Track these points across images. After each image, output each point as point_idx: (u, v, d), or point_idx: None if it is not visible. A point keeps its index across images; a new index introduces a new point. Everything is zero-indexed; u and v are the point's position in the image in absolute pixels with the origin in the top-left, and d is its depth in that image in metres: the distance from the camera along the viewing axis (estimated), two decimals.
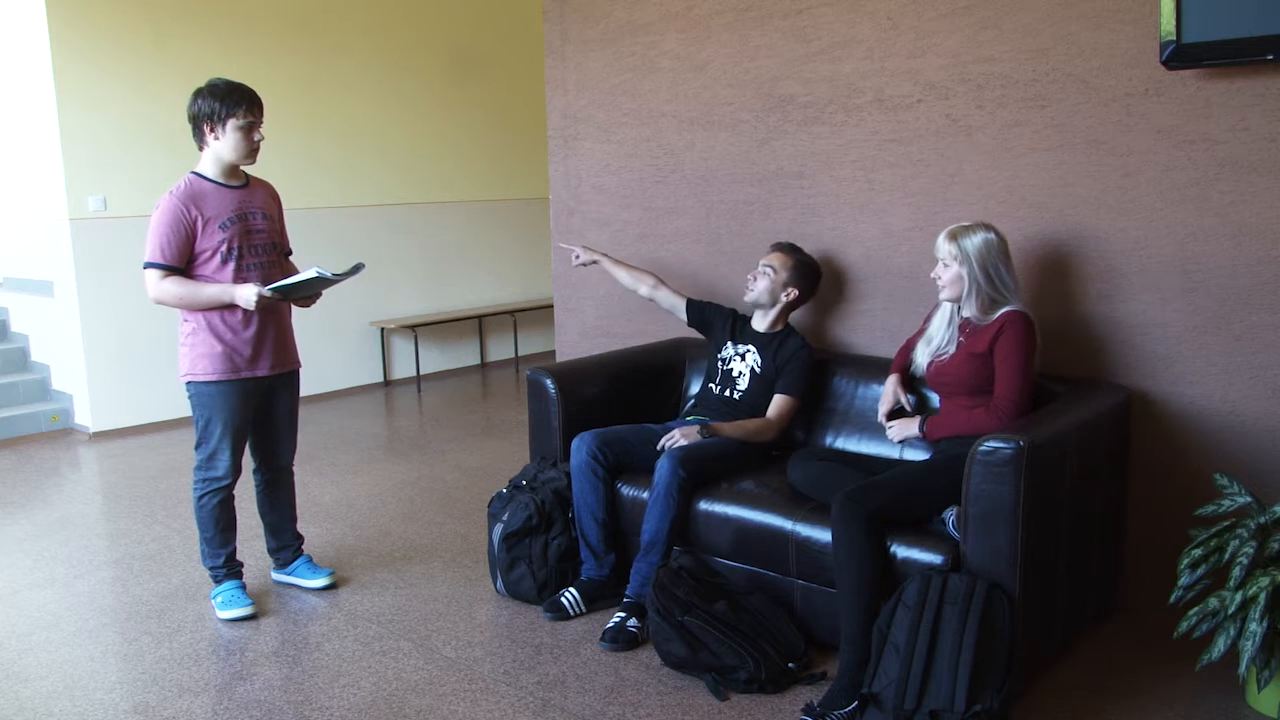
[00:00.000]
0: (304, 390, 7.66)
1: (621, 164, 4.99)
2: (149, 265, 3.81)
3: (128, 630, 3.83)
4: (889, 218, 4.09)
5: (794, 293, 4.01)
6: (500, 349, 9.14)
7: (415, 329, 8.25)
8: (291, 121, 7.53)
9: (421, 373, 8.46)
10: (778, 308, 4.03)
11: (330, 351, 7.98)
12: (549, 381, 4.09)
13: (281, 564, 4.24)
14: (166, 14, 6.88)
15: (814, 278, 4.08)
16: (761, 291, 4.01)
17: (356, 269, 4.07)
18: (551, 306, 5.62)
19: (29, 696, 3.35)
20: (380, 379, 8.32)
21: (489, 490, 4.31)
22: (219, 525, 3.98)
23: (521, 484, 4.00)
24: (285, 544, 4.23)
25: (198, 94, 3.94)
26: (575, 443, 3.85)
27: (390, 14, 8.08)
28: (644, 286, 4.35)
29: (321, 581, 4.14)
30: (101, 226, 6.74)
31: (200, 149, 4.00)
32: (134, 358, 6.96)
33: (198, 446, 3.91)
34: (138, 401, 7.01)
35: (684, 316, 4.26)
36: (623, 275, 4.42)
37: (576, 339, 5.29)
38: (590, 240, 5.14)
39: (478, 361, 9.03)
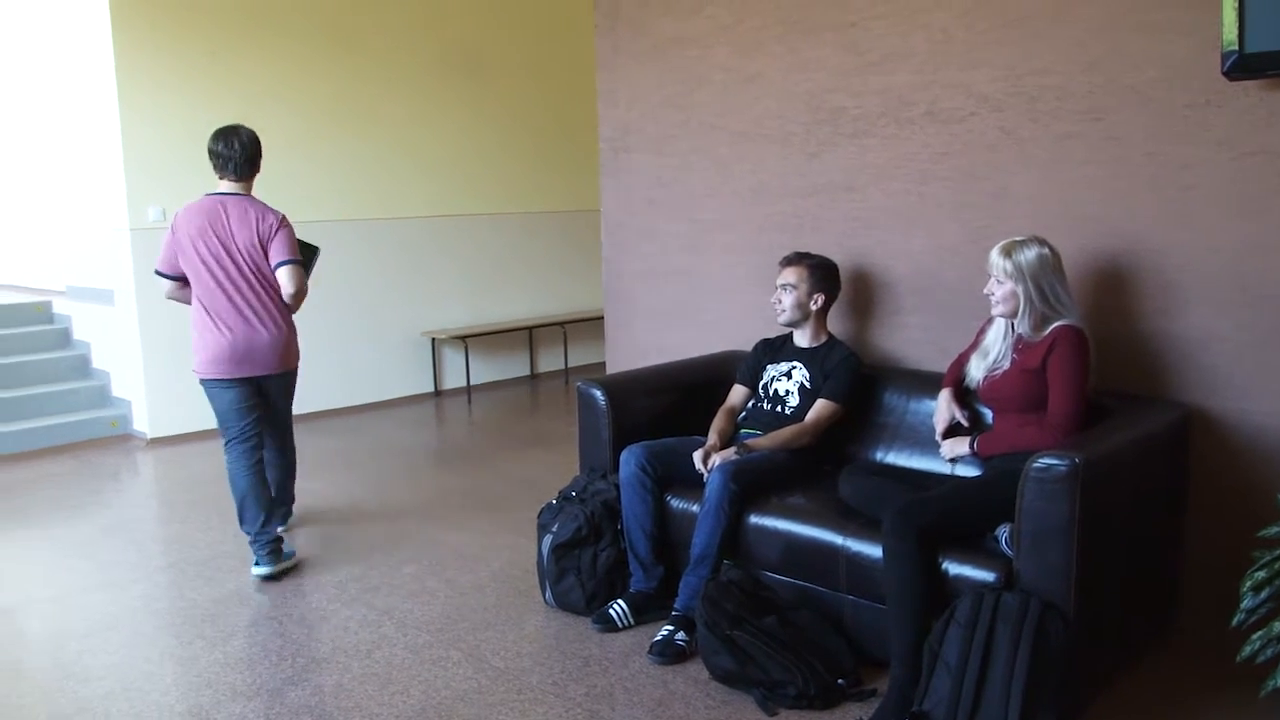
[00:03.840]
0: (356, 399, 7.79)
1: (672, 176, 5.00)
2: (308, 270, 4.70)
3: (183, 634, 3.90)
4: (940, 231, 4.06)
5: (820, 298, 4.00)
6: (550, 360, 9.17)
7: (466, 340, 8.31)
8: (343, 135, 7.64)
9: (472, 383, 8.51)
10: (812, 319, 4.02)
11: (381, 361, 8.06)
12: (599, 393, 4.10)
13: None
14: (221, 30, 7.00)
15: (833, 277, 4.06)
16: (790, 308, 4.00)
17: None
18: (602, 318, 5.64)
19: (88, 696, 3.42)
20: (431, 389, 8.38)
21: (538, 501, 4.33)
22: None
23: (571, 495, 4.01)
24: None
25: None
26: (624, 455, 3.86)
27: (440, 29, 8.15)
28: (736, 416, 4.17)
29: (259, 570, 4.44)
30: (159, 236, 6.82)
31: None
32: (190, 366, 7.05)
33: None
34: (194, 409, 7.09)
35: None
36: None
37: (627, 351, 5.30)
38: (639, 252, 5.15)
39: (528, 373, 9.07)
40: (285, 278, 4.50)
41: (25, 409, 7.04)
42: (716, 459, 3.72)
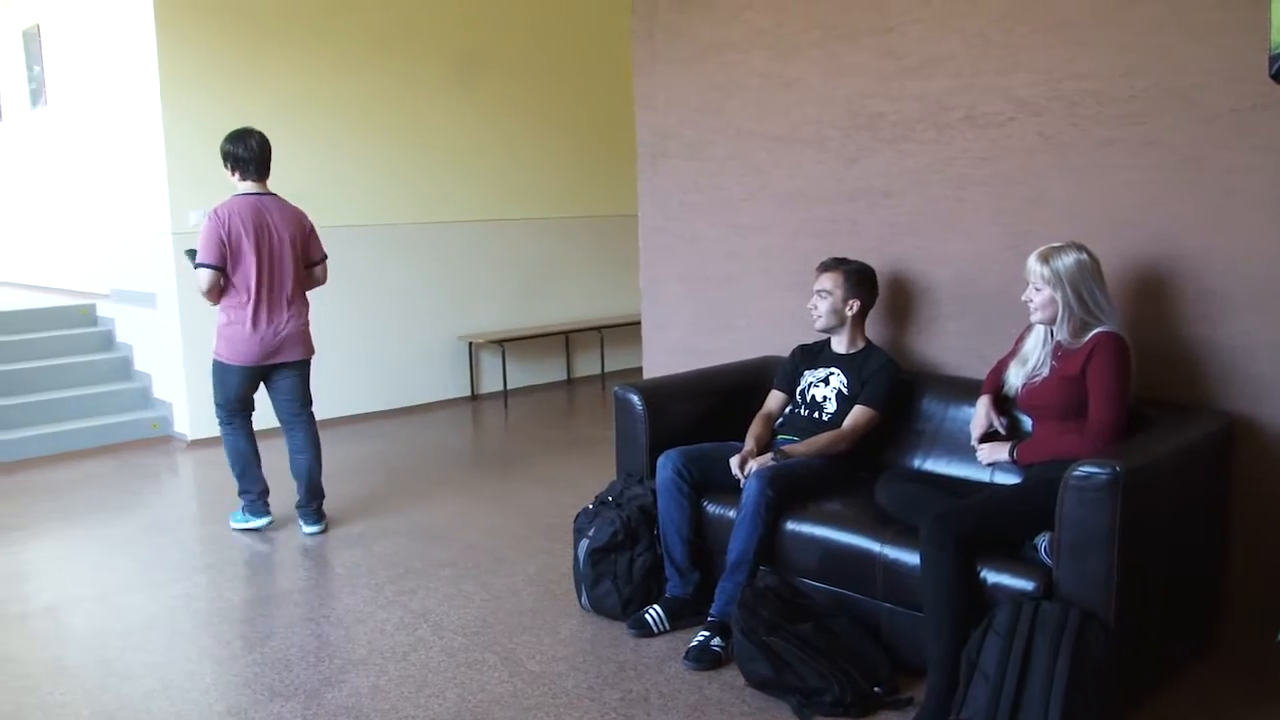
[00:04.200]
0: (393, 403, 7.83)
1: (709, 181, 5.00)
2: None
3: (222, 633, 3.94)
4: (979, 237, 4.04)
5: (855, 304, 3.99)
6: (587, 365, 9.19)
7: (503, 344, 8.34)
8: (380, 139, 7.70)
9: (508, 387, 8.53)
10: (848, 325, 4.01)
11: (418, 365, 8.11)
12: (636, 398, 4.11)
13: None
14: (262, 34, 7.07)
15: (869, 282, 4.05)
16: (826, 314, 4.00)
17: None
18: (638, 323, 5.64)
19: (129, 694, 3.47)
20: (468, 393, 8.42)
21: (574, 505, 4.34)
22: None
23: (608, 500, 4.02)
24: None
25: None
26: (661, 460, 3.86)
27: (480, 35, 8.20)
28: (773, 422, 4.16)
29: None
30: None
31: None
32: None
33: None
34: None
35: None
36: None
37: (663, 356, 5.31)
38: (677, 256, 5.15)
39: (564, 377, 9.10)
40: (322, 272, 5.15)
41: (69, 410, 7.14)
42: (753, 465, 3.72)
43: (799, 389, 4.10)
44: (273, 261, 4.85)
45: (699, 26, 4.94)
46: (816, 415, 3.98)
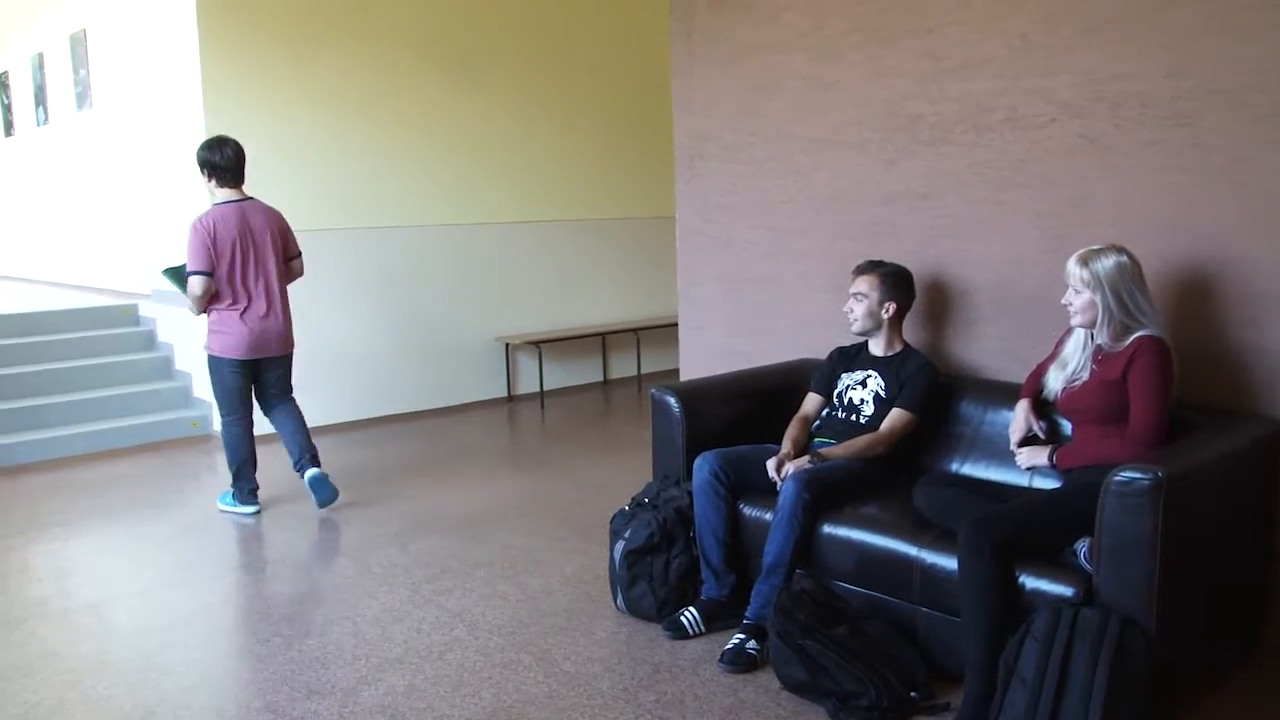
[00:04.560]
0: (430, 403, 7.88)
1: (747, 184, 4.99)
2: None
3: (260, 631, 3.97)
4: (1019, 240, 4.00)
5: (892, 306, 3.97)
6: (623, 366, 9.20)
7: (539, 345, 8.36)
8: (418, 140, 7.74)
9: (545, 388, 8.56)
10: (885, 327, 4.00)
11: (456, 366, 8.14)
12: (673, 400, 4.11)
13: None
14: (303, 38, 7.13)
15: (905, 284, 4.02)
16: (862, 317, 3.98)
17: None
18: (675, 324, 5.64)
19: (170, 689, 3.51)
20: (504, 394, 8.45)
21: (610, 507, 4.35)
22: None
23: (644, 502, 4.02)
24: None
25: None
26: (698, 462, 3.86)
27: (515, 35, 8.23)
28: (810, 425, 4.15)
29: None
30: None
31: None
32: None
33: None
34: None
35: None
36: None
37: (700, 357, 5.30)
38: (714, 259, 5.15)
39: (600, 378, 9.11)
40: (299, 266, 5.52)
41: (111, 409, 7.24)
42: (790, 467, 3.71)
43: (836, 391, 4.08)
44: (257, 261, 5.23)
45: (737, 28, 4.93)
46: (854, 418, 3.97)
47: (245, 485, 5.45)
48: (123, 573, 4.78)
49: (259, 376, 5.39)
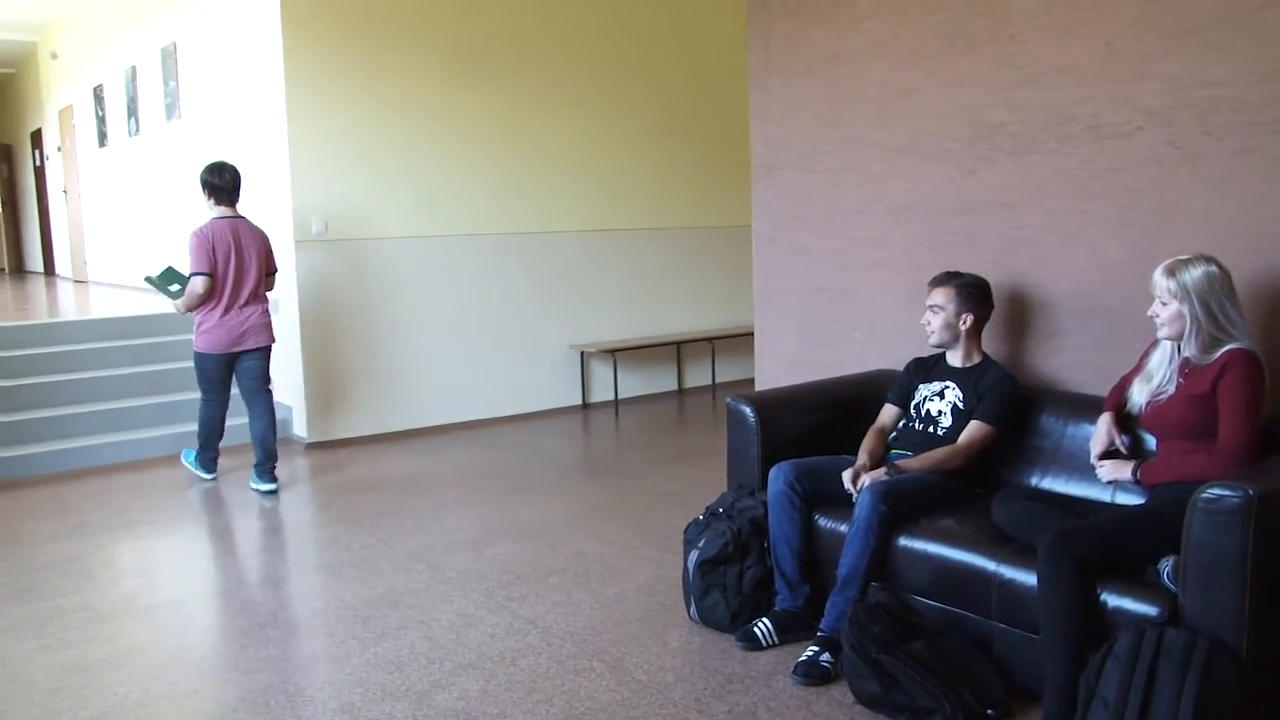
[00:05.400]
0: (506, 410, 7.94)
1: (823, 193, 4.96)
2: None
3: (336, 633, 4.03)
4: (1102, 250, 3.93)
5: (969, 318, 3.91)
6: (698, 375, 9.19)
7: (614, 353, 8.39)
8: (495, 150, 7.83)
9: (619, 397, 8.58)
10: (963, 339, 3.94)
11: (531, 373, 8.20)
12: (749, 410, 4.09)
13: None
14: (384, 50, 7.25)
15: (982, 295, 3.96)
16: (939, 329, 3.94)
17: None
18: (750, 334, 5.62)
19: (249, 688, 3.58)
20: (579, 401, 8.49)
21: (683, 515, 4.35)
22: None
23: (719, 511, 4.01)
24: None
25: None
26: (773, 472, 3.84)
27: (597, 47, 8.28)
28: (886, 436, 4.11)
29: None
30: (321, 248, 7.13)
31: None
32: (348, 374, 7.33)
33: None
34: (350, 416, 7.37)
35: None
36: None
37: (776, 367, 5.28)
38: (790, 269, 5.12)
39: (675, 387, 9.11)
40: (273, 281, 6.25)
41: (195, 412, 7.37)
42: (866, 479, 3.67)
43: (913, 403, 4.04)
44: (243, 271, 5.97)
45: (815, 37, 4.91)
46: (931, 430, 3.92)
47: (208, 454, 6.34)
48: (204, 572, 4.89)
49: (238, 366, 6.12)
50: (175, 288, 6.04)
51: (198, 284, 5.87)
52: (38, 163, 15.46)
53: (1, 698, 3.54)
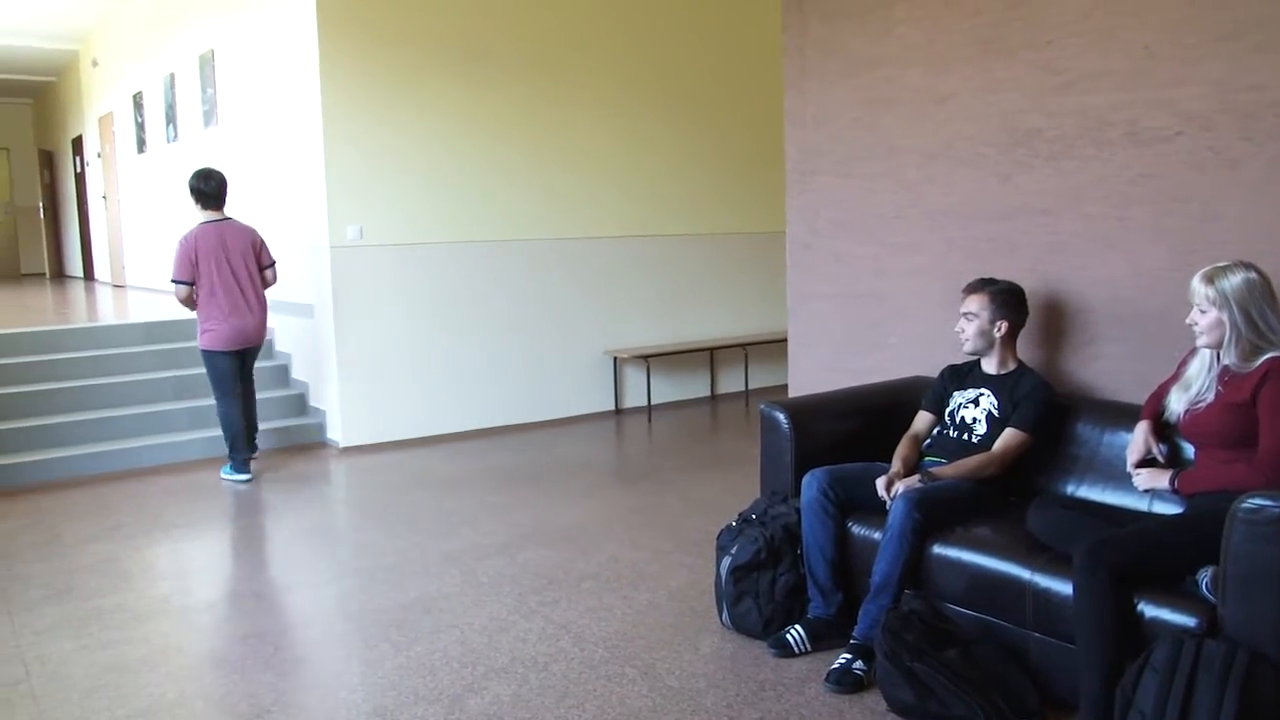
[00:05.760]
0: (538, 415, 7.97)
1: (859, 199, 4.94)
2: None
3: (370, 636, 4.05)
4: (1140, 257, 3.89)
5: (1003, 325, 3.88)
6: (731, 381, 9.18)
7: (648, 359, 8.39)
8: (529, 153, 7.86)
9: (652, 402, 8.58)
10: (998, 346, 3.92)
11: (564, 379, 8.22)
12: (783, 416, 4.08)
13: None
14: (420, 56, 7.30)
15: (1017, 302, 3.93)
16: (973, 337, 3.91)
17: None
18: (784, 340, 5.61)
19: (284, 689, 3.60)
20: (612, 407, 8.50)
21: (716, 522, 4.34)
22: None
23: (751, 518, 4.00)
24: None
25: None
26: (806, 479, 3.82)
27: (627, 51, 8.30)
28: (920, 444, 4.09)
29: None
30: (357, 254, 7.18)
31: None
32: (383, 379, 7.37)
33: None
34: (384, 420, 7.41)
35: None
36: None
37: (810, 373, 5.26)
38: (825, 274, 5.11)
39: (708, 393, 9.10)
40: (272, 274, 6.60)
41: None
42: (900, 486, 3.65)
43: (948, 410, 4.01)
44: (234, 271, 6.34)
45: (850, 42, 4.89)
46: (965, 437, 3.90)
47: (239, 455, 6.49)
48: (239, 574, 4.93)
49: (244, 361, 6.54)
50: None
51: (178, 293, 6.31)
52: (78, 169, 15.66)
53: (41, 696, 3.58)
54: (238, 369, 6.48)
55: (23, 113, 18.70)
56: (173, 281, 6.32)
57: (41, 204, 18.23)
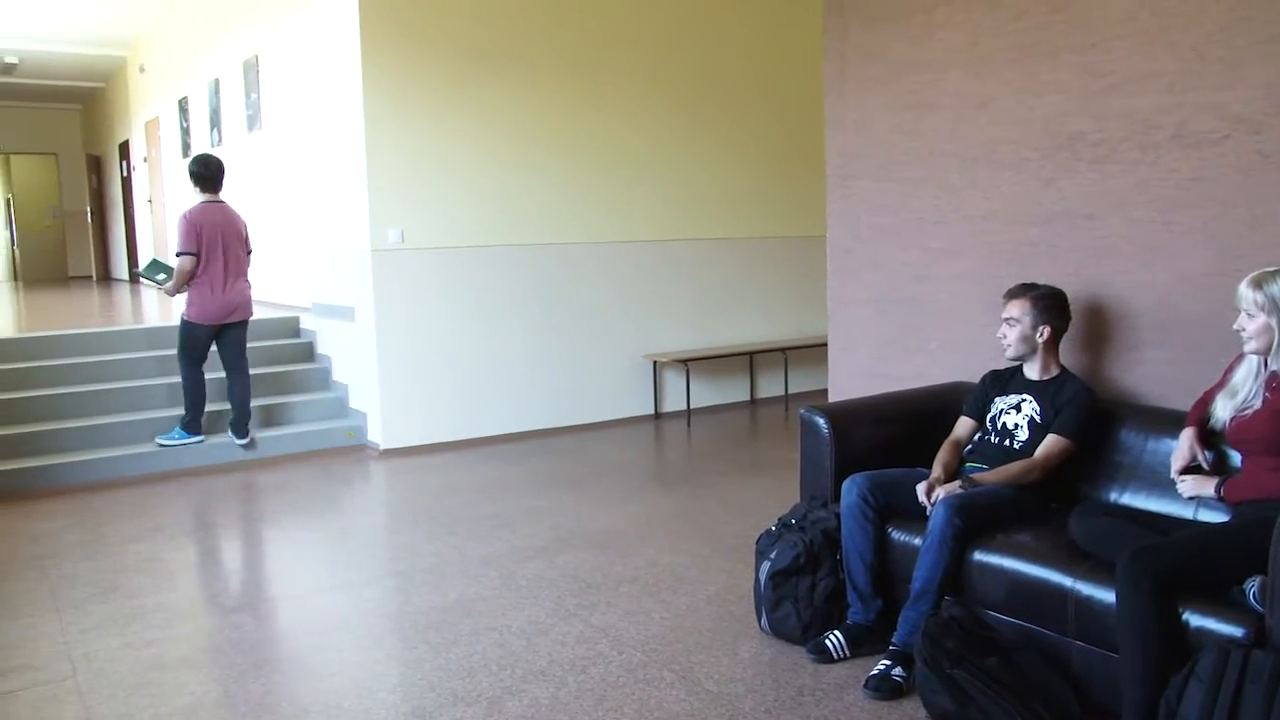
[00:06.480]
0: (578, 419, 7.98)
1: (900, 203, 4.92)
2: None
3: (409, 638, 4.07)
4: (1186, 261, 3.84)
5: (1046, 330, 3.85)
6: (770, 386, 9.16)
7: (687, 363, 8.39)
8: (569, 157, 7.88)
9: (691, 407, 8.58)
10: (1040, 351, 3.88)
11: (603, 383, 8.23)
12: (822, 421, 4.07)
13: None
14: (461, 60, 7.33)
15: (1059, 307, 3.90)
16: (1015, 342, 3.88)
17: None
18: (823, 345, 5.59)
19: (322, 690, 3.63)
20: (651, 411, 8.50)
21: (755, 526, 4.33)
22: None
23: (791, 523, 3.99)
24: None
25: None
26: (846, 484, 3.81)
27: (666, 54, 8.30)
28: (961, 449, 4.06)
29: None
30: (398, 257, 7.23)
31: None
32: (423, 382, 7.41)
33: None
34: (424, 422, 7.45)
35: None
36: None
37: (849, 378, 5.24)
38: (865, 279, 5.09)
39: (747, 397, 9.08)
40: (249, 259, 7.07)
41: (274, 417, 7.56)
42: (940, 492, 3.63)
43: (989, 416, 3.98)
44: (227, 249, 6.79)
45: (891, 46, 4.87)
46: (1007, 443, 3.86)
47: (198, 416, 6.95)
48: (280, 575, 4.98)
49: (222, 338, 6.91)
50: (162, 276, 6.97)
51: (185, 263, 6.68)
52: (124, 173, 15.87)
53: (88, 692, 3.63)
54: (210, 343, 6.90)
55: (71, 118, 18.98)
56: (180, 254, 6.70)
57: (89, 208, 18.50)
